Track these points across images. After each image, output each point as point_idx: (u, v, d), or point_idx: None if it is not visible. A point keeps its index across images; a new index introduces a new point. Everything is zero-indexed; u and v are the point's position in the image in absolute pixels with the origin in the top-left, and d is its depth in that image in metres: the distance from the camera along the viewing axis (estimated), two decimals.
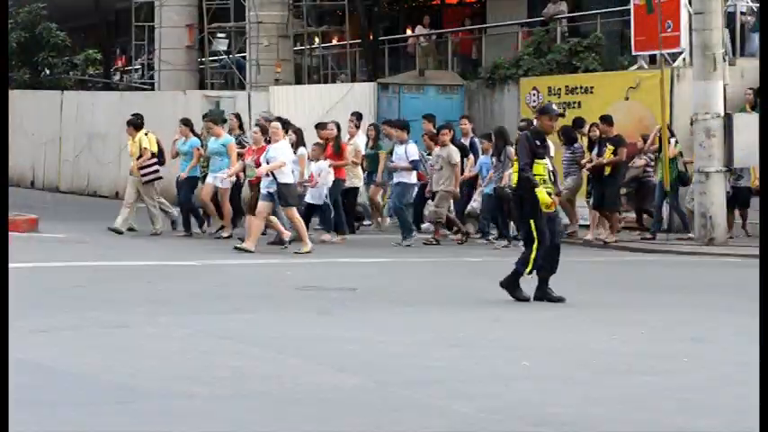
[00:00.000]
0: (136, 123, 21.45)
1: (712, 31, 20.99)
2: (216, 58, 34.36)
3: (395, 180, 21.02)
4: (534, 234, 12.88)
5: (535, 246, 12.87)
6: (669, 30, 22.62)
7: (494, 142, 20.43)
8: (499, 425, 7.54)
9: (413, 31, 33.35)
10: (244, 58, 32.36)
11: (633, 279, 16.52)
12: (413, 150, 20.82)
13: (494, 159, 20.33)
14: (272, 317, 11.91)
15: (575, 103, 24.24)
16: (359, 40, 31.86)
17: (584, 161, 21.03)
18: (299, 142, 19.95)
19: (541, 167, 13.00)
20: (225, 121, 22.20)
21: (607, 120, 20.99)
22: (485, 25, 30.88)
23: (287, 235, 18.75)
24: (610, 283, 15.82)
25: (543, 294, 13.02)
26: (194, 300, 12.98)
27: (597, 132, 21.00)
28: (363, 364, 9.35)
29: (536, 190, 12.77)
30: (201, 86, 32.82)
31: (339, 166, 20.90)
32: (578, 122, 21.77)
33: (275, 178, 18.13)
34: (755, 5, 24.19)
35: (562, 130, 20.55)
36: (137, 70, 38.28)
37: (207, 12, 32.24)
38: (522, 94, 25.68)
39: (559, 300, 12.92)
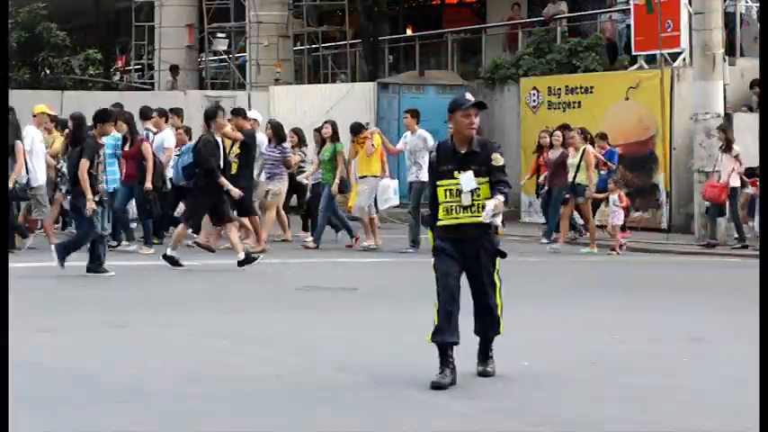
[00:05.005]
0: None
1: (712, 31, 20.99)
2: (217, 57, 34.32)
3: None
4: None
5: None
6: (669, 30, 22.61)
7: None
8: (499, 425, 7.54)
9: (413, 31, 33.35)
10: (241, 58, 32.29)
11: (633, 279, 16.50)
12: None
13: None
14: (273, 317, 11.91)
15: (575, 102, 24.23)
16: (359, 40, 31.85)
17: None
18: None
19: (441, 191, 8.76)
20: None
21: (240, 113, 18.57)
22: (485, 25, 30.85)
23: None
24: (609, 283, 15.81)
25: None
26: (194, 300, 12.98)
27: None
28: (363, 364, 9.35)
29: None
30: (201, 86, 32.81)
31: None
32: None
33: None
34: (756, 5, 24.17)
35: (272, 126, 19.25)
36: (137, 70, 38.23)
37: (207, 12, 32.19)
38: (522, 93, 25.66)
39: None
